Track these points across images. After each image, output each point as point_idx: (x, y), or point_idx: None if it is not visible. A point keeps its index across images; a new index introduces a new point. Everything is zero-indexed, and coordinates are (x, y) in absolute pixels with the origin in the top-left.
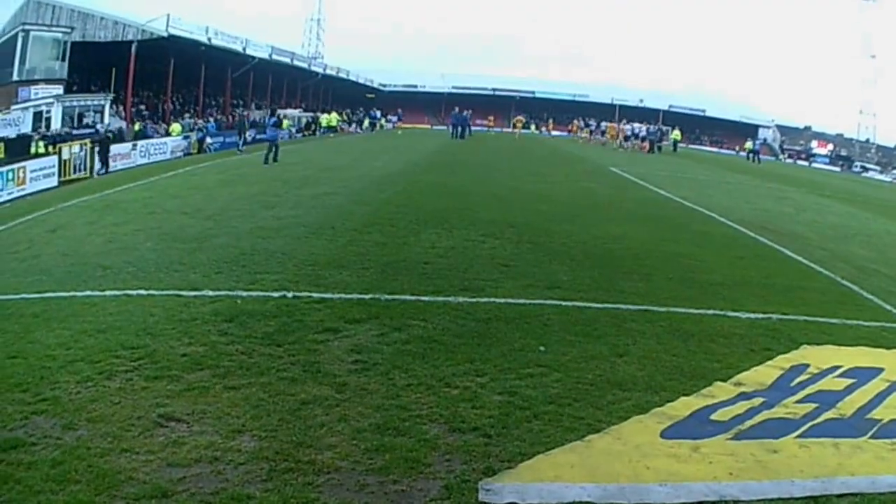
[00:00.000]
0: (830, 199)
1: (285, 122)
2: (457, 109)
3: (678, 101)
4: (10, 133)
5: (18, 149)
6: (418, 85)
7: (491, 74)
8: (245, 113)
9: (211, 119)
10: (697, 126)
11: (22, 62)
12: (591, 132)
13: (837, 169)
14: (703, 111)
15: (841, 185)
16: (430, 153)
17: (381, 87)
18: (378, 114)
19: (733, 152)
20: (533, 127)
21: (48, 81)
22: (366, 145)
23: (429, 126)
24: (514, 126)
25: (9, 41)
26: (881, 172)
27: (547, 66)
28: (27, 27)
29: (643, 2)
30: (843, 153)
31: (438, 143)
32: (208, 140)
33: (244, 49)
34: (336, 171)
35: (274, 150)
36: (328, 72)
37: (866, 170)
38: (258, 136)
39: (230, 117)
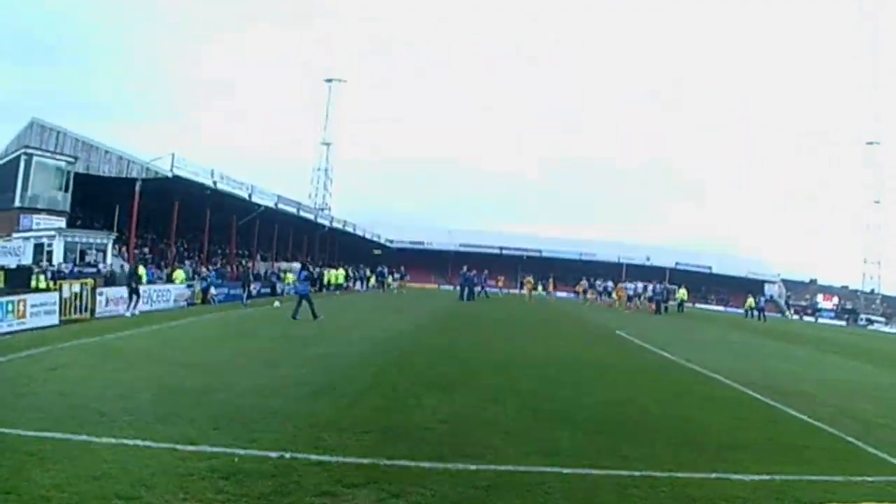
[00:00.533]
0: (836, 355)
1: (289, 276)
2: (465, 269)
3: (684, 257)
4: (11, 262)
5: (19, 280)
6: (425, 242)
7: (498, 231)
8: (249, 265)
9: (213, 268)
10: (704, 283)
11: (24, 188)
12: (597, 293)
13: (843, 323)
14: (710, 268)
15: (847, 339)
16: (437, 314)
17: (388, 243)
18: (386, 271)
19: (739, 310)
20: (540, 288)
21: (50, 212)
22: (373, 304)
23: (436, 286)
24: (525, 287)
25: (11, 163)
26: (886, 324)
27: (553, 224)
28: (30, 151)
29: (647, 162)
30: (849, 306)
31: (445, 303)
32: (212, 291)
33: (250, 196)
34: (341, 331)
35: (309, 304)
36: (335, 224)
37: (871, 322)
38: (291, 291)
39: (235, 268)
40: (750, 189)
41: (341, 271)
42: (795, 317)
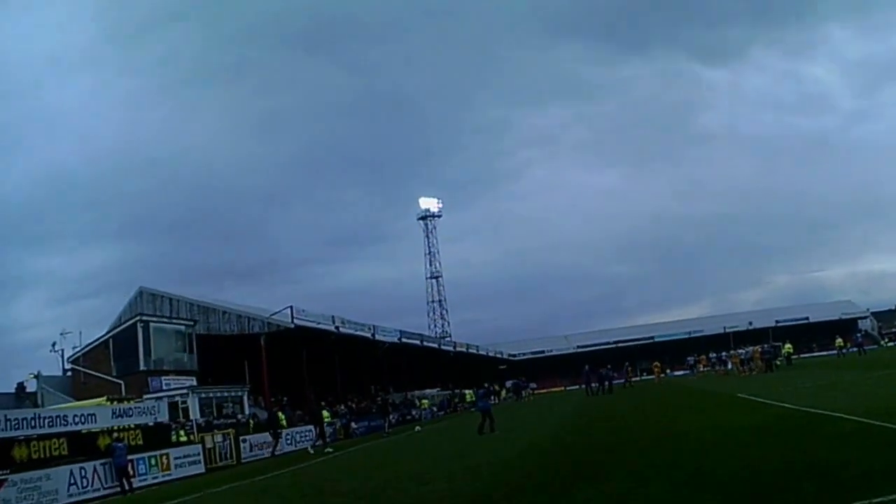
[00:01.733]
0: None
1: (425, 402)
2: (587, 367)
3: (782, 314)
4: (148, 421)
5: (158, 437)
6: (545, 350)
7: (610, 327)
8: (387, 398)
9: (348, 404)
10: (805, 334)
11: (147, 353)
12: (711, 364)
13: None
14: (807, 318)
15: None
16: (572, 412)
17: (511, 357)
18: (522, 382)
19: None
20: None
21: (178, 372)
22: (511, 413)
23: (562, 388)
24: (654, 371)
25: (128, 330)
26: None
27: (658, 311)
28: (145, 318)
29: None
30: None
31: (576, 401)
32: (353, 424)
33: (373, 335)
34: (484, 442)
35: (490, 419)
36: (458, 349)
37: None
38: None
39: (370, 401)
40: (827, 236)
41: (470, 391)
42: (892, 344)
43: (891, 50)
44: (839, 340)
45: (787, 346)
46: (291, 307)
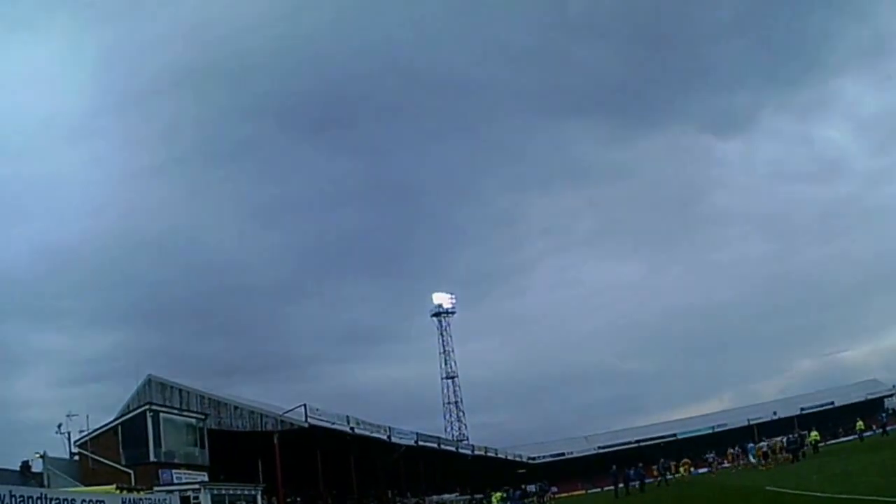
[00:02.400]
0: None
1: None
2: (614, 468)
3: (807, 400)
4: None
5: None
6: (566, 452)
7: (631, 426)
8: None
9: None
10: (831, 419)
11: (157, 444)
12: (734, 457)
13: None
14: (832, 403)
15: None
16: None
17: (531, 460)
18: (546, 484)
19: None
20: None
21: (189, 466)
22: None
23: (583, 491)
24: (683, 468)
25: (136, 419)
26: None
27: (681, 406)
28: (155, 408)
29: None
30: None
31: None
32: None
33: (389, 437)
34: None
35: None
36: (476, 452)
37: None
38: None
39: None
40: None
41: (498, 494)
42: None
43: None
44: (860, 423)
45: (814, 433)
46: (305, 405)
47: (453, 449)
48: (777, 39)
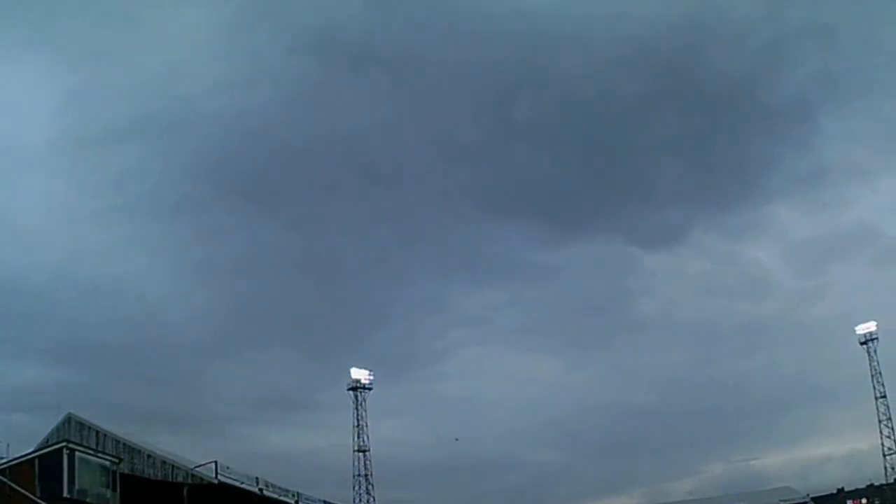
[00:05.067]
0: None
1: None
2: None
3: (720, 502)
4: None
5: None
6: None
7: None
8: None
9: None
10: None
11: (71, 481)
12: None
13: None
14: None
15: None
16: None
17: None
18: None
19: None
20: None
21: None
22: None
23: None
24: None
25: (53, 455)
26: None
27: (591, 499)
28: (72, 446)
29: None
30: (877, 502)
31: None
32: None
33: (297, 502)
34: None
35: None
36: None
37: None
38: None
39: None
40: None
41: None
42: None
43: (837, 229)
44: None
45: None
46: (216, 462)
47: None
48: (715, 162)
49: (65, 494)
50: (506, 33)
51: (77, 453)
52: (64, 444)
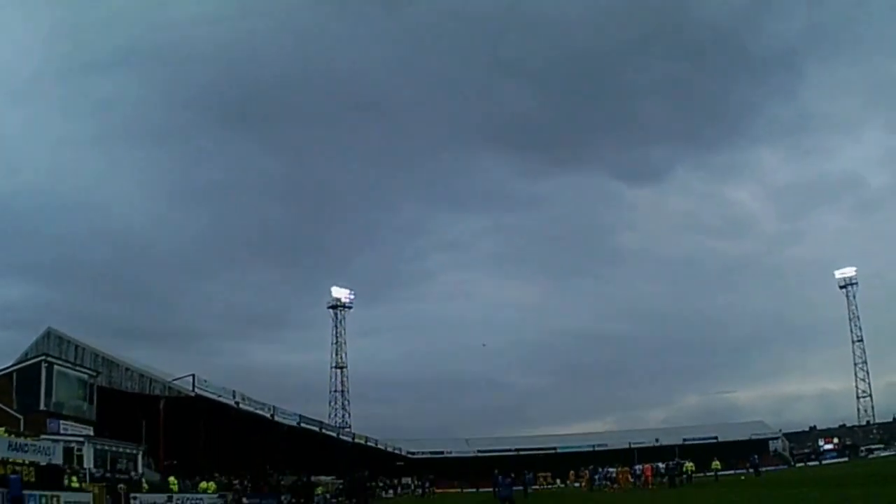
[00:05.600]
0: (845, 488)
1: (319, 489)
2: (496, 471)
3: (691, 433)
4: (41, 460)
5: (51, 478)
6: (444, 451)
7: (513, 435)
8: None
9: (242, 482)
10: (713, 452)
11: (48, 394)
12: (592, 479)
13: (846, 458)
14: (716, 437)
15: (852, 471)
16: None
17: (410, 455)
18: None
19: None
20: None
21: (77, 420)
22: None
23: (458, 489)
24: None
25: (31, 368)
26: (885, 449)
27: (565, 424)
28: (51, 360)
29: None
30: (849, 442)
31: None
32: (244, 500)
33: (272, 416)
34: None
35: None
36: (357, 441)
37: (871, 451)
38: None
39: (266, 481)
40: (739, 358)
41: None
42: (801, 464)
43: (820, 176)
44: (716, 463)
45: (689, 464)
46: (194, 376)
47: (334, 434)
48: (699, 105)
49: (41, 407)
50: None
51: (55, 367)
52: (42, 357)
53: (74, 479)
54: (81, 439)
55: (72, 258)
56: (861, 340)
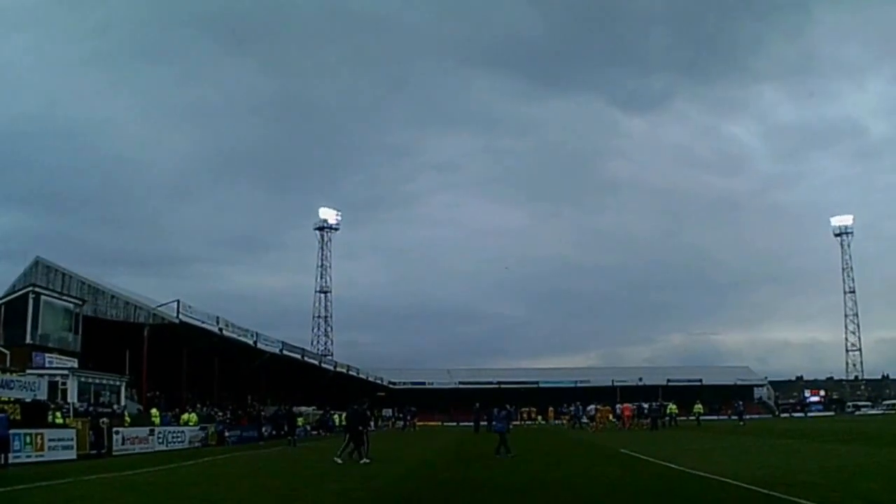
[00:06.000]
0: (832, 443)
1: (300, 420)
2: (477, 405)
3: (675, 373)
4: (26, 396)
5: (36, 414)
6: (426, 382)
7: (496, 367)
8: (261, 409)
9: (225, 413)
10: (696, 396)
11: (34, 326)
12: (574, 419)
13: (832, 413)
14: (700, 380)
15: (838, 427)
16: (456, 446)
17: (391, 385)
18: (413, 410)
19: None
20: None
21: (62, 352)
22: (394, 442)
23: (439, 422)
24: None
25: (19, 300)
26: (872, 407)
27: (548, 356)
28: (38, 290)
29: (634, 289)
30: (835, 396)
31: (461, 436)
32: (227, 433)
33: (255, 343)
34: (357, 468)
35: (503, 441)
36: (338, 369)
37: (858, 408)
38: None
39: (246, 411)
40: (727, 299)
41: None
42: (785, 415)
43: (821, 118)
44: (698, 406)
45: (672, 406)
46: (178, 301)
47: (316, 363)
48: (704, 37)
49: (28, 340)
50: None
51: (42, 297)
52: (30, 288)
53: (59, 414)
54: (66, 372)
55: (62, 186)
56: (853, 292)
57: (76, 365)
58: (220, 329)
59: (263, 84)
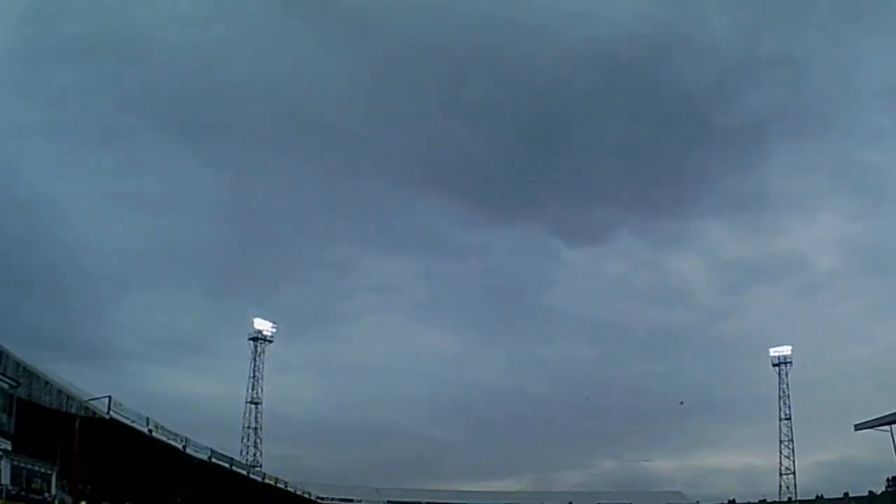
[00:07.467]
0: None
1: None
2: None
3: (606, 498)
4: None
5: None
6: (354, 499)
7: (423, 488)
8: None
9: None
10: None
11: None
12: None
13: None
14: None
15: None
16: None
17: (319, 500)
18: None
19: None
20: None
21: None
22: None
23: None
24: None
25: None
26: None
27: (476, 480)
28: None
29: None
30: None
31: None
32: None
33: (184, 448)
34: None
35: None
36: (266, 481)
37: None
38: None
39: None
40: (659, 428)
41: None
42: None
43: (766, 254)
44: None
45: None
46: (110, 398)
47: (245, 473)
48: (653, 170)
49: None
50: (465, 12)
51: None
52: None
53: None
54: (0, 454)
55: (11, 260)
56: (789, 419)
57: (10, 447)
58: (150, 430)
59: (212, 181)
